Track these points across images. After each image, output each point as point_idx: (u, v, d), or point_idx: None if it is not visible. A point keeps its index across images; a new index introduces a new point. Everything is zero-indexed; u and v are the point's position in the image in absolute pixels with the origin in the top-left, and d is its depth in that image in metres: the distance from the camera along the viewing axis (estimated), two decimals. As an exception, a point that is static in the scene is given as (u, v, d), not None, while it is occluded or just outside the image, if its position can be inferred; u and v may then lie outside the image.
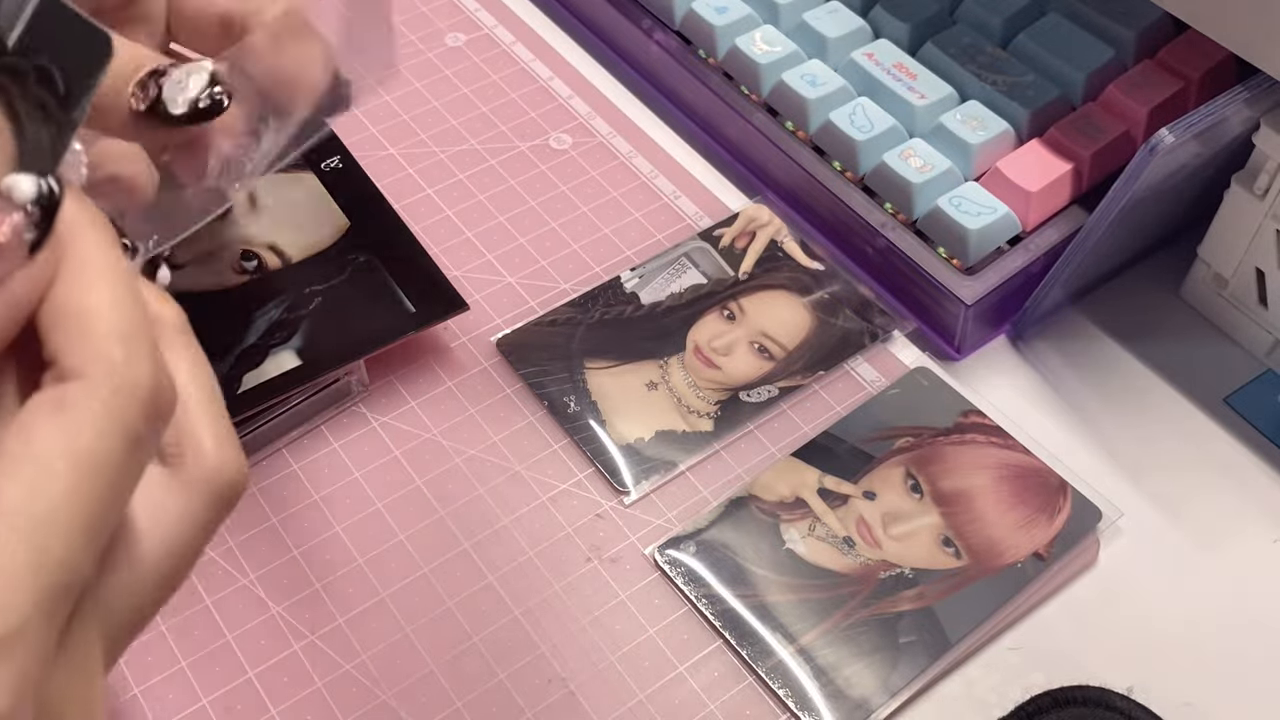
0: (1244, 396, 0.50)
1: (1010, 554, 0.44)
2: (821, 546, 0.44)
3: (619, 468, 0.47)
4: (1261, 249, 0.48)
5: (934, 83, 0.54)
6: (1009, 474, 0.46)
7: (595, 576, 0.44)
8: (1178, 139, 0.43)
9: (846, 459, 0.47)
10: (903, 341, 0.51)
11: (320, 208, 0.52)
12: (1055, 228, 0.50)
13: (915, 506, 0.45)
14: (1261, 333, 0.50)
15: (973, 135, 0.51)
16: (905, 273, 0.51)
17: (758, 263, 0.53)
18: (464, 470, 0.47)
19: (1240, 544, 0.45)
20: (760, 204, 0.55)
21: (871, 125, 0.52)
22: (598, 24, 0.63)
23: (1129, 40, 0.54)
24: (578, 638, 0.43)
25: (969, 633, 0.42)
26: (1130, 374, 0.51)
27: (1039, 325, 0.52)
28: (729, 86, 0.57)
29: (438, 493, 0.46)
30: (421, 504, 0.46)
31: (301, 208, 0.52)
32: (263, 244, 0.51)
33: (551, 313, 0.51)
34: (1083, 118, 0.52)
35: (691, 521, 0.45)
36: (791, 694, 0.41)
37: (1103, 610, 0.44)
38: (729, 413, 0.48)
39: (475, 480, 0.46)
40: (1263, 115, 0.46)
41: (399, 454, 0.47)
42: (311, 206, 0.52)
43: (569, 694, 0.41)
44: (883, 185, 0.52)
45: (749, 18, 0.57)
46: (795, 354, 0.50)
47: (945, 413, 0.48)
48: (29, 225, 0.23)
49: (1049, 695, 0.41)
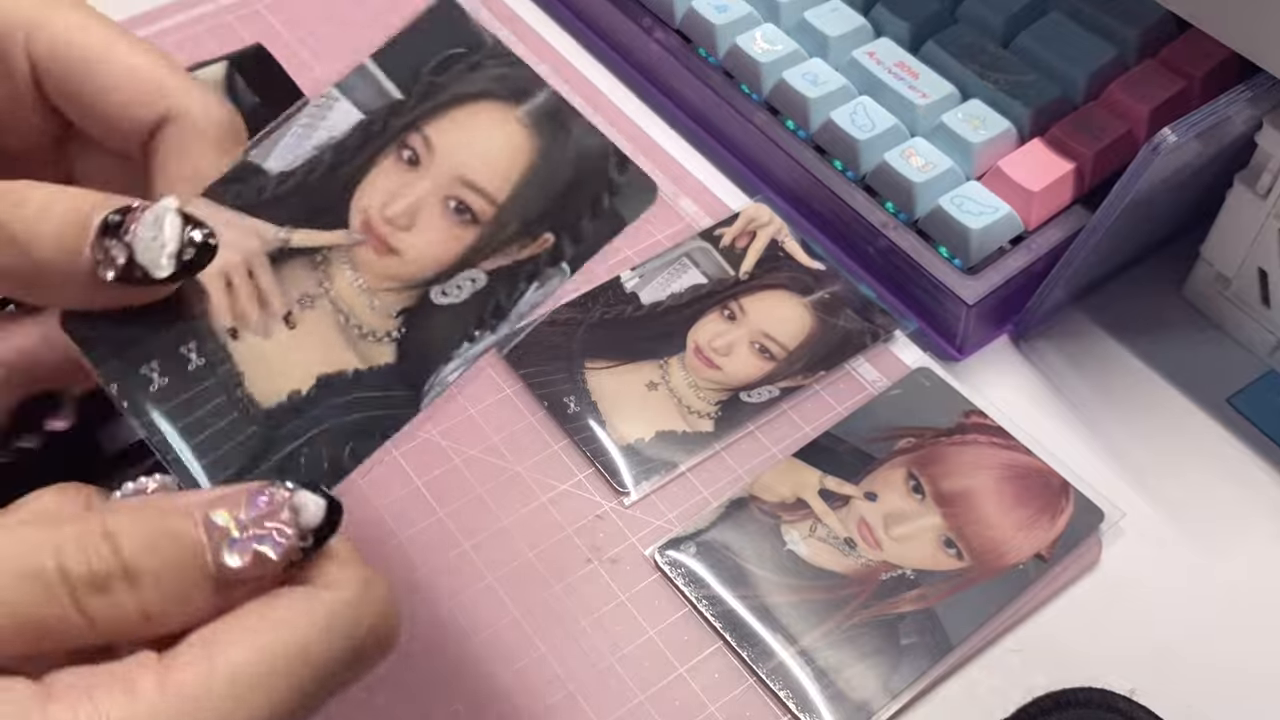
0: (1247, 397, 0.49)
1: (1012, 555, 0.44)
2: (823, 547, 0.44)
3: (619, 468, 0.46)
4: (1264, 248, 0.48)
5: (935, 81, 0.54)
6: (1011, 475, 0.46)
7: (595, 577, 0.44)
8: (1180, 138, 0.43)
9: (848, 460, 0.46)
10: (904, 341, 0.51)
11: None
12: (1057, 227, 0.50)
13: (917, 507, 0.45)
14: (1264, 333, 0.50)
15: (974, 134, 0.51)
16: (906, 272, 0.51)
17: (758, 262, 0.53)
18: (463, 471, 0.46)
19: (1243, 545, 0.45)
20: (761, 203, 0.55)
21: (873, 124, 0.52)
22: (597, 22, 0.63)
23: (1131, 39, 0.53)
24: (578, 639, 0.42)
25: (971, 634, 0.42)
26: (1133, 374, 0.50)
27: (1041, 325, 0.52)
28: (729, 85, 0.57)
29: (437, 493, 0.46)
30: (421, 504, 0.45)
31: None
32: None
33: (551, 313, 0.51)
34: (1085, 117, 0.52)
35: (692, 522, 0.45)
36: (792, 695, 0.41)
37: (1105, 611, 0.44)
38: (729, 413, 0.48)
39: (475, 481, 0.46)
40: (1265, 114, 0.46)
41: (398, 455, 0.47)
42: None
43: (569, 695, 0.41)
44: (884, 185, 0.52)
45: (750, 16, 0.57)
46: (796, 354, 0.50)
47: (947, 413, 0.48)
48: (299, 550, 0.26)
49: (1051, 697, 0.40)
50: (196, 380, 0.30)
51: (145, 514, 0.25)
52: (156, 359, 0.30)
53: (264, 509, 0.26)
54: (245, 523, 0.25)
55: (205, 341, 0.30)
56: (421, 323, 0.31)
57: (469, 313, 0.31)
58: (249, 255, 0.31)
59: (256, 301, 0.30)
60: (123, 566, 0.24)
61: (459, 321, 0.31)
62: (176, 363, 0.30)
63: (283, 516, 0.26)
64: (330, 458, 0.29)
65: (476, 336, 0.31)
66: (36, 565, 0.24)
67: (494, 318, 0.31)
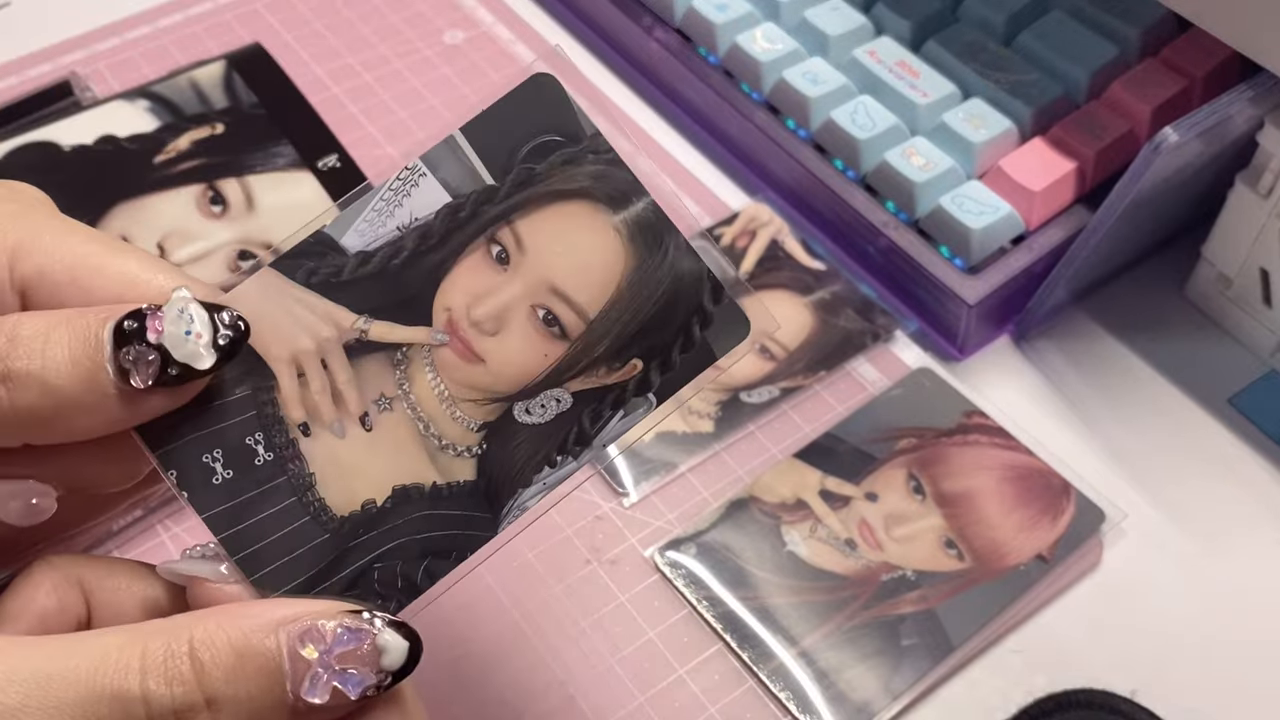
0: (1248, 397, 0.49)
1: (1013, 556, 0.44)
2: (823, 548, 0.44)
3: (619, 469, 0.46)
4: (1266, 248, 0.48)
5: (936, 81, 0.53)
6: (1012, 475, 0.46)
7: (595, 578, 0.44)
8: (1181, 138, 0.43)
9: (848, 460, 0.46)
10: (905, 341, 0.51)
11: (317, 207, 0.52)
12: (1058, 227, 0.50)
13: (917, 508, 0.45)
14: (1266, 333, 0.50)
15: (975, 134, 0.51)
16: (907, 272, 0.50)
17: (758, 262, 0.53)
18: (463, 471, 0.46)
19: (1245, 545, 0.45)
20: (761, 203, 0.55)
21: (873, 123, 0.52)
22: (597, 21, 0.63)
23: (1132, 38, 0.53)
24: (577, 640, 0.42)
25: (972, 635, 0.42)
26: (1134, 374, 0.50)
27: (1042, 325, 0.52)
28: (730, 84, 0.56)
29: (436, 494, 0.46)
30: (420, 505, 0.45)
31: (298, 207, 0.52)
32: (259, 243, 0.51)
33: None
34: (1086, 116, 0.51)
35: (692, 523, 0.45)
36: (793, 697, 0.41)
37: (1106, 612, 0.43)
38: (730, 413, 0.48)
39: (474, 481, 0.46)
40: (1267, 114, 0.46)
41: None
42: (308, 206, 0.52)
43: (568, 697, 0.41)
44: (885, 184, 0.51)
45: (750, 15, 0.57)
46: (796, 354, 0.50)
47: (948, 413, 0.48)
48: (376, 688, 0.25)
49: (1052, 698, 0.40)
50: (265, 477, 0.28)
51: (229, 630, 0.25)
52: (220, 448, 0.28)
53: (349, 645, 0.25)
54: (330, 659, 0.25)
55: (274, 434, 0.28)
56: (504, 441, 0.29)
57: (552, 435, 0.29)
58: (323, 344, 0.29)
59: (330, 396, 0.29)
60: (206, 697, 0.24)
61: (542, 443, 0.29)
62: (242, 455, 0.28)
63: (366, 654, 0.25)
64: (405, 576, 0.28)
65: (558, 461, 0.29)
66: (121, 688, 0.24)
67: (577, 444, 0.29)
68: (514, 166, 0.30)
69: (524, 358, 0.29)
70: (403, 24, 0.64)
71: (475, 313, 0.29)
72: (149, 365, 0.26)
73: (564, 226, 0.30)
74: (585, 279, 0.30)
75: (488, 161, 0.30)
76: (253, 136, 0.55)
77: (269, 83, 0.59)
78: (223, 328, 0.27)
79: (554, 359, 0.29)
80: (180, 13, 0.64)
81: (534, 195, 0.30)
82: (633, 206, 0.31)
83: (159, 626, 0.25)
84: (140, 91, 0.57)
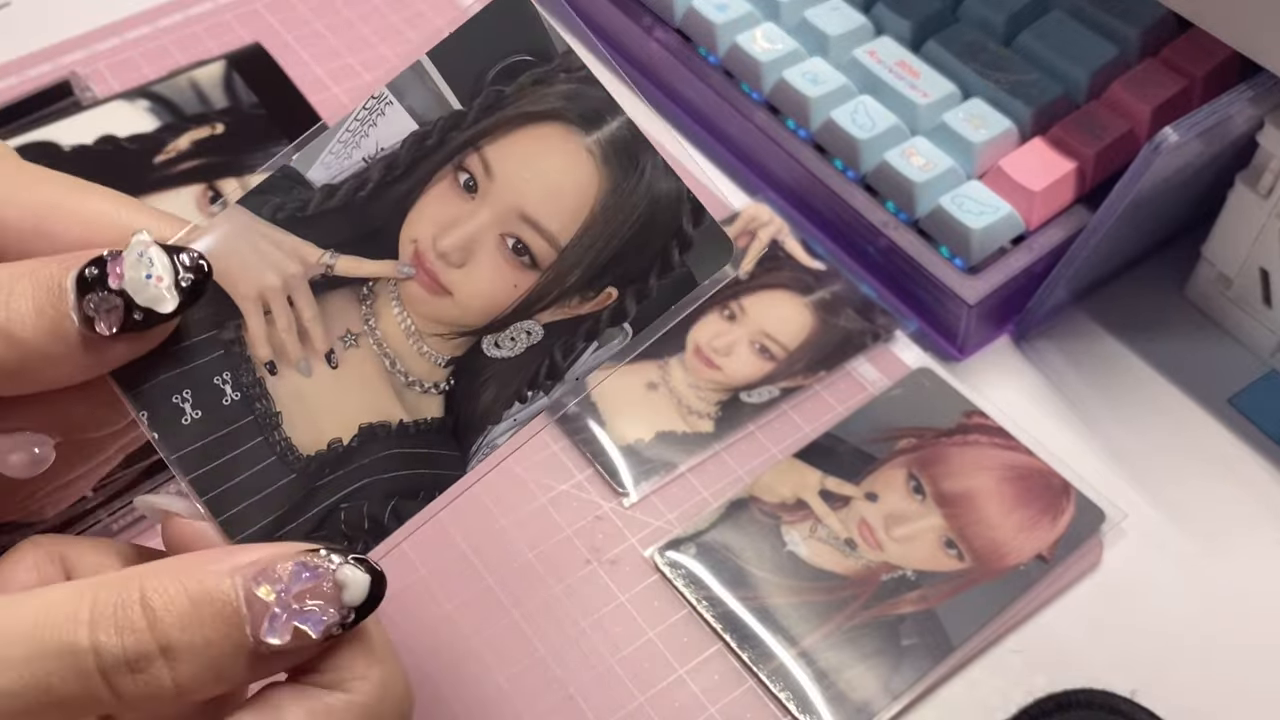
0: (1248, 397, 0.49)
1: (1013, 556, 0.44)
2: (823, 548, 0.44)
3: (619, 469, 0.46)
4: (1266, 248, 0.48)
5: (936, 80, 0.53)
6: (1012, 475, 0.46)
7: (595, 578, 0.44)
8: (1181, 138, 0.43)
9: (848, 460, 0.46)
10: (905, 341, 0.51)
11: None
12: (1058, 227, 0.50)
13: (917, 508, 0.45)
14: (1266, 332, 0.50)
15: (975, 134, 0.51)
16: (907, 272, 0.50)
17: (759, 262, 0.52)
18: (463, 471, 0.46)
19: (1245, 545, 0.45)
20: (761, 203, 0.55)
21: (873, 123, 0.52)
22: (597, 21, 0.63)
23: (1132, 38, 0.53)
24: (577, 640, 0.42)
25: (971, 635, 0.42)
26: (1134, 374, 0.50)
27: (1042, 325, 0.52)
28: (730, 84, 0.56)
29: (436, 494, 0.46)
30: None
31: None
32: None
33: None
34: (1086, 116, 0.51)
35: (692, 523, 0.45)
36: (793, 697, 0.41)
37: (1106, 612, 0.43)
38: (729, 413, 0.48)
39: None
40: (1267, 114, 0.46)
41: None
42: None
43: (568, 697, 0.41)
44: (885, 184, 0.51)
45: (750, 15, 0.57)
46: (796, 354, 0.50)
47: (948, 413, 0.48)
48: (339, 626, 0.25)
49: (1052, 699, 0.40)
50: (233, 417, 0.27)
51: (183, 577, 0.24)
52: (189, 389, 0.27)
53: (307, 583, 0.25)
54: (288, 599, 0.24)
55: (241, 374, 0.28)
56: (472, 376, 0.28)
57: (522, 369, 0.28)
58: (289, 280, 0.28)
59: (296, 334, 0.28)
60: (160, 644, 0.24)
61: (512, 378, 0.28)
62: (211, 395, 0.27)
63: (325, 591, 0.25)
64: (371, 516, 0.28)
65: (529, 397, 0.28)
66: (69, 642, 0.23)
67: (548, 378, 0.29)
68: (483, 90, 0.29)
69: (492, 289, 0.28)
70: (403, 24, 0.64)
71: (441, 243, 0.28)
72: (113, 312, 0.25)
73: (534, 150, 0.29)
74: (556, 205, 0.28)
75: (455, 86, 0.29)
76: (253, 136, 0.55)
77: (269, 83, 0.59)
78: (183, 269, 0.26)
79: (524, 289, 0.28)
80: (180, 13, 0.64)
81: (503, 119, 0.29)
82: (607, 126, 0.29)
83: (109, 579, 0.24)
84: (140, 91, 0.57)
